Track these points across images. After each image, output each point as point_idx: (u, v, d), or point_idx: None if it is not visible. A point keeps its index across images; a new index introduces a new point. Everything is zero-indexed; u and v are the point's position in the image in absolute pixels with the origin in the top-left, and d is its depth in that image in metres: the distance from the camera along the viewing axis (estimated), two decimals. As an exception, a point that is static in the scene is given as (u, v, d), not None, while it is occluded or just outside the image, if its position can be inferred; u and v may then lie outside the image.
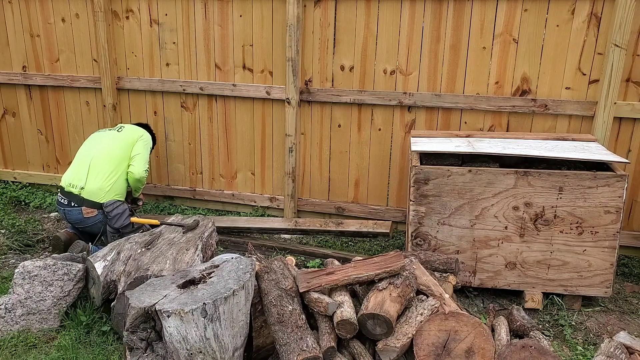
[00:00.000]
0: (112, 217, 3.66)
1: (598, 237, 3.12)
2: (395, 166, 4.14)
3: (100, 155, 3.74)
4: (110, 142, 3.83)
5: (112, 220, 3.66)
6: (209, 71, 4.32)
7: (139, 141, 3.90)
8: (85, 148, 3.86)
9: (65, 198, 3.67)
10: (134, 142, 3.87)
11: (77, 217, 3.67)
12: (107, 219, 3.67)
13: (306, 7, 3.98)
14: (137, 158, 3.83)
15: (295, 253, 3.93)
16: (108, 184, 3.67)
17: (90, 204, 3.63)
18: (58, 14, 4.51)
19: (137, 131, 3.96)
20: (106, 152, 3.76)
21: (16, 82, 4.76)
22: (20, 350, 2.80)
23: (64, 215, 3.72)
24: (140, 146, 3.88)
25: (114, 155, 3.76)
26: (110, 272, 2.97)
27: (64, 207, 3.68)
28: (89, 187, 3.64)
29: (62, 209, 3.70)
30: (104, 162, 3.72)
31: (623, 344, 2.66)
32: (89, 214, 3.64)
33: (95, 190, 3.64)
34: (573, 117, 3.72)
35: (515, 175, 3.11)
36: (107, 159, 3.73)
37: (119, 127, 3.99)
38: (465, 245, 3.26)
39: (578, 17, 3.55)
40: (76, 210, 3.64)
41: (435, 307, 2.54)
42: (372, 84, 4.01)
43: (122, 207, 3.71)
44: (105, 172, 3.69)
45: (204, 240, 3.22)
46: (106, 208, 3.65)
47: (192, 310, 2.18)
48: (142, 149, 3.88)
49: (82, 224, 3.70)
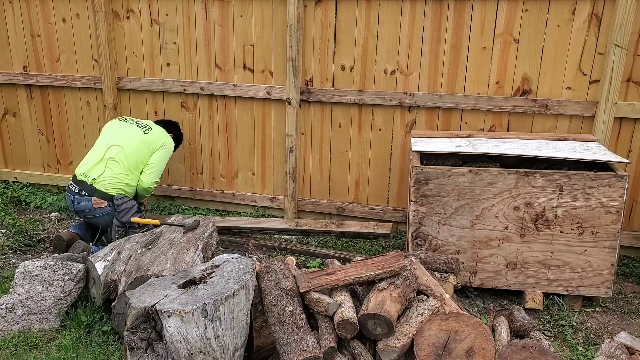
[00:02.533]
0: (120, 210, 3.67)
1: (599, 237, 3.12)
2: (396, 166, 4.14)
3: (119, 151, 3.73)
4: (133, 141, 3.80)
5: (120, 214, 3.67)
6: (210, 71, 4.32)
7: (160, 150, 3.88)
8: (106, 138, 3.84)
9: (76, 186, 3.67)
10: (155, 150, 3.86)
11: (85, 207, 3.66)
12: (116, 212, 3.68)
13: (307, 7, 3.98)
14: (151, 168, 3.83)
15: (296, 253, 3.93)
16: (121, 180, 3.68)
17: (102, 195, 3.63)
18: (59, 13, 4.51)
19: (162, 137, 3.93)
20: (127, 149, 3.75)
21: (17, 82, 4.76)
22: (20, 350, 2.80)
23: (72, 204, 3.70)
24: (158, 156, 3.87)
25: (133, 156, 3.76)
26: (110, 272, 2.97)
27: (74, 195, 3.66)
28: (102, 178, 3.64)
29: (72, 197, 3.68)
30: (122, 158, 3.71)
31: (624, 344, 2.66)
32: (99, 205, 3.64)
33: (108, 183, 3.65)
34: (574, 117, 3.72)
35: (516, 176, 3.11)
36: (125, 156, 3.73)
37: (146, 128, 3.92)
38: (466, 245, 3.26)
39: (579, 17, 3.55)
40: (86, 199, 3.64)
41: (436, 307, 2.54)
42: (372, 84, 4.01)
43: (131, 202, 3.72)
44: (121, 169, 3.69)
45: (204, 240, 3.22)
46: (116, 201, 3.66)
47: (192, 310, 2.18)
48: (158, 160, 3.87)
49: (89, 214, 3.69)
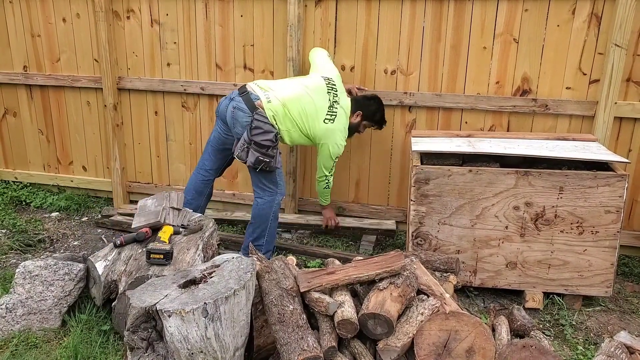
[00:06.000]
0: (254, 127, 3.35)
1: (598, 236, 3.12)
2: (396, 166, 4.14)
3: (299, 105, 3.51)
4: (314, 109, 3.52)
5: (252, 131, 3.35)
6: (210, 71, 4.32)
7: (324, 146, 3.58)
8: (302, 82, 3.61)
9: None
10: (319, 143, 3.59)
11: (241, 107, 3.41)
12: (250, 128, 3.38)
13: (307, 7, 3.98)
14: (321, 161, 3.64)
15: (296, 253, 3.93)
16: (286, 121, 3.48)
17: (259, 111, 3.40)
18: (59, 14, 4.52)
19: (334, 129, 3.56)
20: (303, 110, 3.51)
21: (17, 82, 4.76)
22: (21, 349, 2.80)
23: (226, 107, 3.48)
24: (323, 155, 3.61)
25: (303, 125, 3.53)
26: (111, 271, 2.97)
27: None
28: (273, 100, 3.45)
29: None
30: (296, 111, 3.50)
31: (624, 344, 2.66)
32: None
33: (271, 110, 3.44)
34: (573, 117, 3.72)
35: (516, 175, 3.11)
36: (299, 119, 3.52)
37: (331, 104, 3.56)
38: (466, 245, 3.26)
39: (579, 17, 3.55)
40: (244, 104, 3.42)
41: (436, 306, 2.54)
42: (372, 83, 4.01)
43: (270, 129, 3.38)
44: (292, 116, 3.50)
45: (204, 240, 3.22)
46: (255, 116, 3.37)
47: (193, 310, 2.18)
48: (323, 159, 3.63)
49: (232, 118, 3.44)
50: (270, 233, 3.61)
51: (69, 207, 4.72)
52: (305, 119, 3.52)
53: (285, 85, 3.59)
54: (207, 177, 3.81)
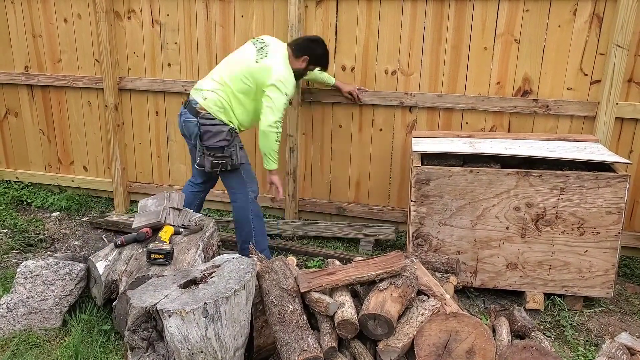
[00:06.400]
0: (203, 133, 3.33)
1: (599, 237, 3.11)
2: (397, 166, 4.14)
3: None
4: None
5: (203, 137, 3.34)
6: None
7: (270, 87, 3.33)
8: None
9: None
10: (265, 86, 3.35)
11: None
12: (200, 135, 3.36)
13: (307, 8, 3.98)
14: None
15: (297, 253, 3.93)
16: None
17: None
18: (60, 14, 4.52)
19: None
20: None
21: (18, 82, 4.77)
22: (22, 349, 2.81)
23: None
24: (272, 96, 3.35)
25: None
26: (111, 271, 2.98)
27: None
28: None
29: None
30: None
31: (624, 345, 2.66)
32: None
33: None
34: (575, 118, 3.72)
35: (517, 176, 3.11)
36: None
37: (259, 49, 3.44)
38: (467, 245, 3.26)
39: (580, 18, 3.55)
40: None
41: (436, 307, 2.54)
42: (373, 84, 4.01)
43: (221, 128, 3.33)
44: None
45: (205, 240, 3.22)
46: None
47: (193, 310, 2.18)
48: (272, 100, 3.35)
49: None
50: (257, 232, 3.58)
51: (69, 207, 4.73)
52: (242, 76, 3.34)
53: (214, 70, 3.54)
54: (196, 190, 3.79)
